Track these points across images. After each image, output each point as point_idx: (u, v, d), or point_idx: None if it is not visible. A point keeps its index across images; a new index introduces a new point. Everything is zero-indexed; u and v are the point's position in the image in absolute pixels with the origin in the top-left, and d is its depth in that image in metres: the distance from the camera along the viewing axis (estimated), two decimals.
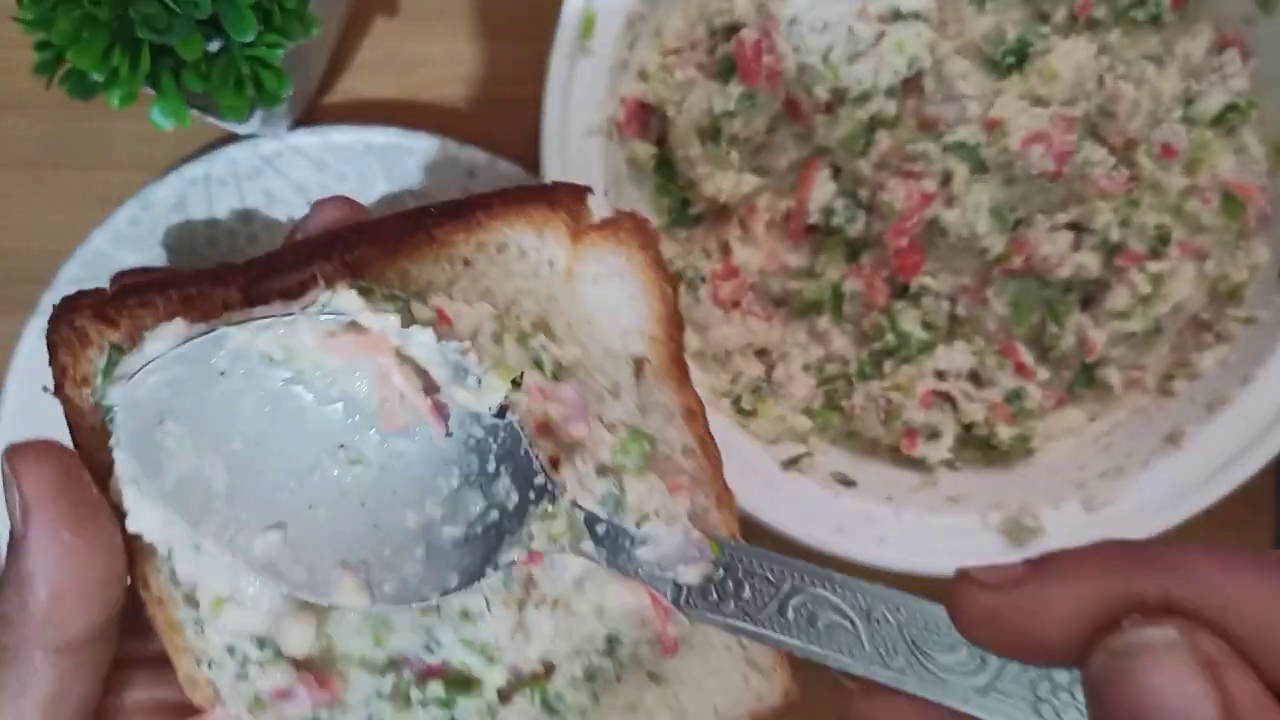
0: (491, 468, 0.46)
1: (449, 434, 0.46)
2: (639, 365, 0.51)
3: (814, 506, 0.67)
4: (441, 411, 0.45)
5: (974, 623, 0.39)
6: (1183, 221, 0.68)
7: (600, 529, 0.46)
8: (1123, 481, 0.66)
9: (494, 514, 0.46)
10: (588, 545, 0.46)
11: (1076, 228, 0.68)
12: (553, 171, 0.65)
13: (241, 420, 0.45)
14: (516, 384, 0.46)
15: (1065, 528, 0.65)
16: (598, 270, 0.50)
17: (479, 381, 0.45)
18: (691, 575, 0.46)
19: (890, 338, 0.70)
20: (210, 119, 0.72)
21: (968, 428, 0.70)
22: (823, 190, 0.71)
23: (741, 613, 0.45)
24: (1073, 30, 0.70)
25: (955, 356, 0.70)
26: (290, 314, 0.45)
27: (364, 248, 0.49)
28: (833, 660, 0.43)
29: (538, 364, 0.48)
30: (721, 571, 0.46)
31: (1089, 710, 0.36)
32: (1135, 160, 0.68)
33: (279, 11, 0.64)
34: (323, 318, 0.45)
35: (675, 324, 0.51)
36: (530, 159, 0.68)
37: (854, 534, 0.66)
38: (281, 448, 0.46)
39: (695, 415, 0.51)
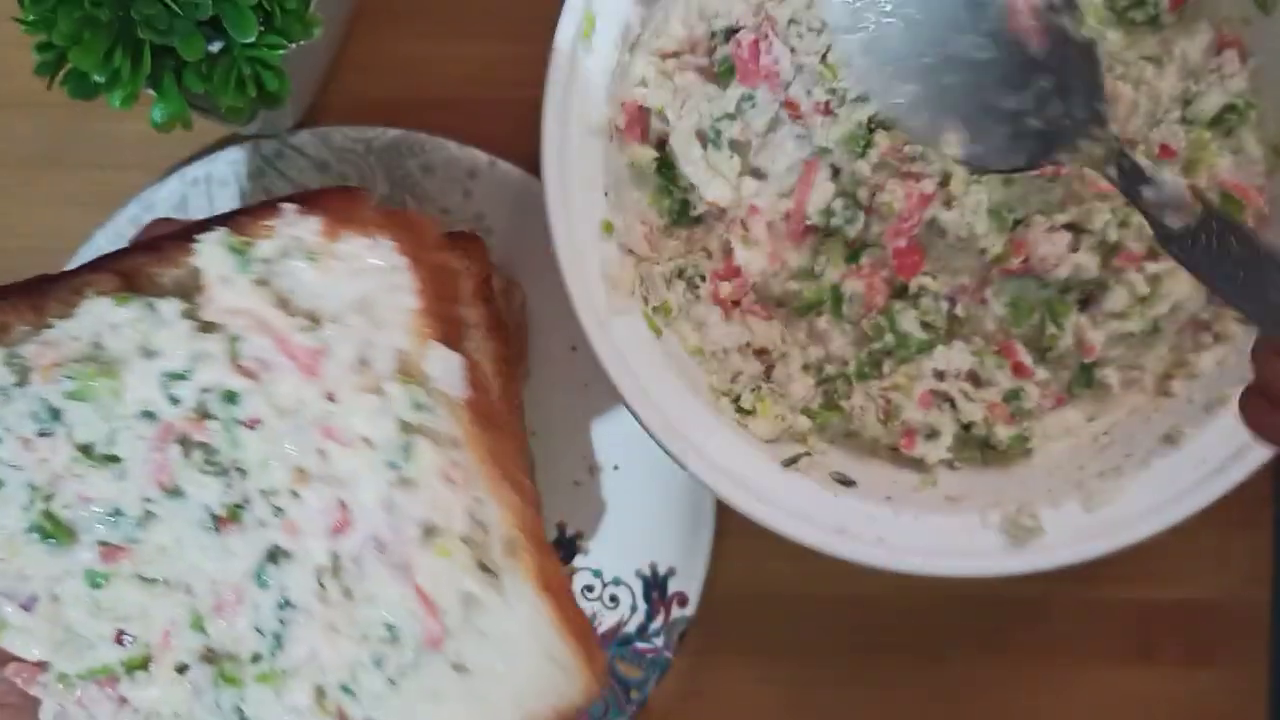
0: (1074, 82, 0.57)
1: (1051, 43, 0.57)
2: None
3: (814, 506, 0.67)
4: (1045, 24, 0.58)
5: None
6: None
7: (1125, 163, 0.56)
8: (1122, 482, 0.66)
9: (1066, 121, 0.57)
10: (1111, 170, 0.56)
11: (1075, 228, 0.69)
12: (552, 173, 0.65)
13: None
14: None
15: (1065, 528, 0.65)
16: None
17: (1078, 13, 0.58)
18: (1176, 222, 0.53)
19: (889, 338, 0.70)
20: (212, 120, 0.72)
21: (966, 427, 0.70)
22: (822, 191, 0.71)
23: (1208, 265, 0.53)
24: None
25: (954, 356, 0.70)
26: None
27: (141, 256, 0.54)
28: None
29: None
30: (1201, 228, 0.53)
31: None
32: None
33: (280, 12, 0.64)
34: None
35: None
36: (531, 160, 0.68)
37: (854, 534, 0.66)
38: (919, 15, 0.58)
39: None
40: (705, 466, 0.65)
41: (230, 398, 0.53)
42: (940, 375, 0.70)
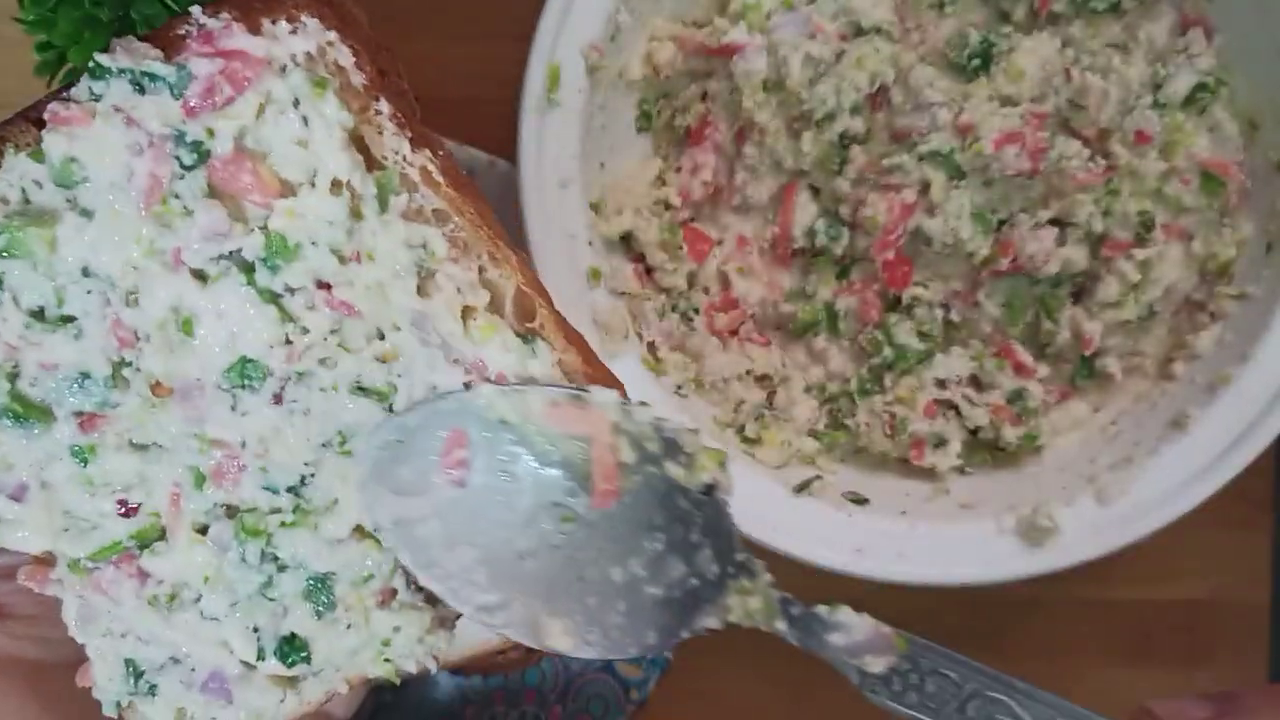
0: (695, 538, 0.50)
1: (657, 505, 0.50)
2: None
3: (830, 529, 0.67)
4: (651, 483, 0.50)
5: None
6: (1164, 205, 0.68)
7: (794, 610, 0.50)
8: (1133, 471, 0.66)
9: (694, 581, 0.50)
10: (781, 625, 0.50)
11: (1059, 223, 0.69)
12: (535, 224, 0.65)
13: (474, 477, 0.50)
14: (723, 465, 0.50)
15: (1080, 524, 0.65)
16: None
17: (689, 460, 0.49)
18: (877, 666, 0.50)
19: (888, 351, 0.70)
20: None
21: (974, 432, 0.70)
22: (804, 213, 0.71)
23: (923, 705, 0.49)
24: (1034, 27, 0.70)
25: (954, 363, 0.70)
26: (522, 385, 0.50)
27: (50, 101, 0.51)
28: None
29: None
30: (906, 665, 0.50)
31: None
32: (1110, 150, 0.68)
33: None
34: (551, 390, 0.50)
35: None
36: None
37: (872, 552, 0.66)
38: (502, 502, 0.50)
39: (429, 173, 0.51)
40: None
41: None
42: (942, 383, 0.70)
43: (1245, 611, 0.82)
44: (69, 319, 0.50)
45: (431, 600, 0.53)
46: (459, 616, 0.54)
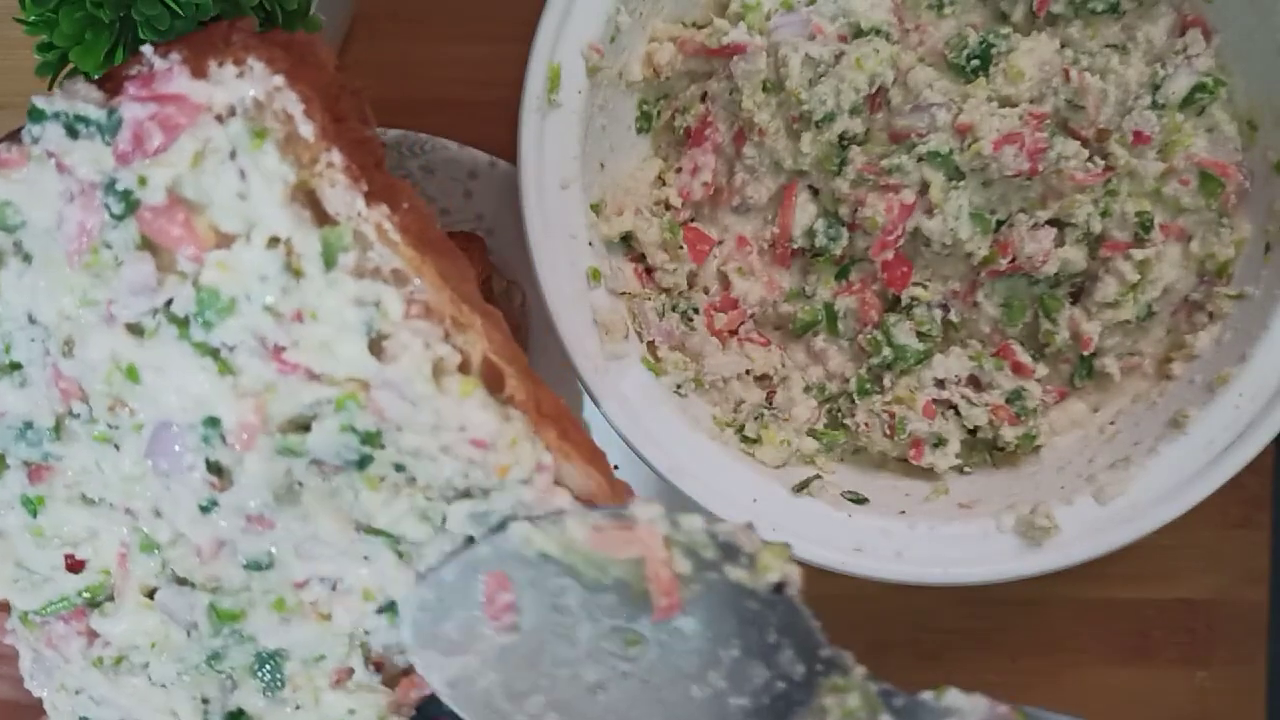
0: (773, 639, 0.46)
1: (726, 611, 0.45)
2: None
3: (829, 528, 0.67)
4: (714, 589, 0.45)
5: None
6: (1163, 205, 0.69)
7: (898, 701, 0.45)
8: (1132, 470, 0.66)
9: (780, 684, 0.46)
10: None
11: (1058, 223, 0.69)
12: (535, 225, 0.66)
13: (523, 618, 0.47)
14: (788, 559, 0.45)
15: (1079, 523, 0.65)
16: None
17: (751, 560, 0.45)
18: None
19: (887, 351, 0.71)
20: None
21: (973, 432, 0.71)
22: (804, 213, 0.71)
23: None
24: (1033, 27, 0.70)
25: (953, 364, 0.71)
26: (560, 510, 0.46)
27: None
28: None
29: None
30: None
31: None
32: (1109, 150, 0.68)
33: (281, 13, 0.64)
34: (591, 514, 0.46)
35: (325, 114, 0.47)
36: None
37: (871, 551, 0.66)
38: (560, 639, 0.47)
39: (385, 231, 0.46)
40: (720, 502, 0.66)
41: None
42: (941, 383, 0.70)
43: (1244, 610, 0.82)
44: (16, 365, 0.49)
45: (390, 683, 0.51)
46: (418, 702, 0.52)
